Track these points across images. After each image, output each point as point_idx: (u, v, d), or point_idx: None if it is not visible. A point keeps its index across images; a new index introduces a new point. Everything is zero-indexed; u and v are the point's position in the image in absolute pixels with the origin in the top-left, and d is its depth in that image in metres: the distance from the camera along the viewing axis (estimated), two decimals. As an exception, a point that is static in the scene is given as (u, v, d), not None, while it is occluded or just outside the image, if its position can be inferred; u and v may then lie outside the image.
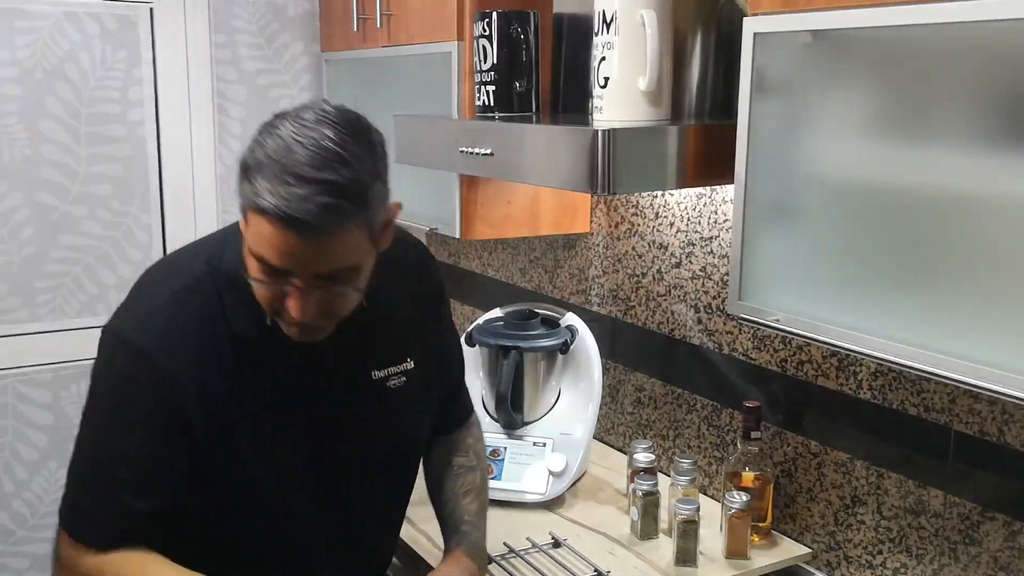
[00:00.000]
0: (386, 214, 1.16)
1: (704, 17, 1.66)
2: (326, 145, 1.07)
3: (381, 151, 1.14)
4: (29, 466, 2.51)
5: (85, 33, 2.43)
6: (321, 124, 1.09)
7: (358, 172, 1.08)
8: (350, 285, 1.15)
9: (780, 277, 1.34)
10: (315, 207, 1.04)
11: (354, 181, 1.07)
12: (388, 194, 1.15)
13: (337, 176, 1.06)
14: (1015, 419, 1.40)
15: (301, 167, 1.06)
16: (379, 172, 1.13)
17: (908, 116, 1.16)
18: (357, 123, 1.13)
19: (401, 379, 1.37)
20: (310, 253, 1.08)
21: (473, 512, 1.48)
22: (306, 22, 2.70)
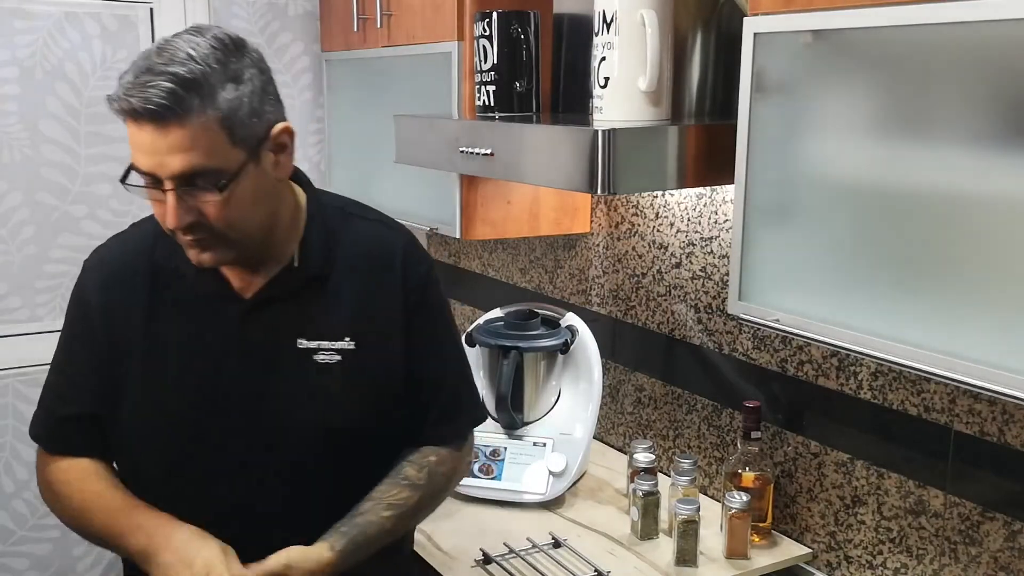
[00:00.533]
0: (259, 128, 1.20)
1: (704, 17, 1.66)
2: (180, 45, 1.15)
3: (253, 65, 1.20)
4: (29, 466, 2.51)
5: (85, 33, 2.42)
6: (192, 33, 1.18)
7: (208, 70, 1.14)
8: (213, 191, 1.17)
9: (780, 277, 1.34)
10: (151, 93, 1.11)
11: (200, 74, 1.13)
12: (265, 112, 1.21)
13: (181, 69, 1.12)
14: (1015, 419, 1.40)
15: (151, 62, 1.14)
16: (240, 78, 1.17)
17: (908, 116, 1.16)
18: (231, 38, 1.19)
19: (334, 356, 1.32)
20: (160, 147, 1.14)
21: (377, 526, 1.32)
22: (306, 22, 2.70)
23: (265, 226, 1.27)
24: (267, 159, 1.23)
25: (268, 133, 1.22)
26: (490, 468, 1.93)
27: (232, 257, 1.26)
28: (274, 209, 1.29)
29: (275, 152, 1.24)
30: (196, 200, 1.18)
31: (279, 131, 1.24)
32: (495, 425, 2.00)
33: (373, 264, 1.36)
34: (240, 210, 1.21)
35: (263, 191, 1.24)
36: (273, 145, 1.23)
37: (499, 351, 1.98)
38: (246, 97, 1.18)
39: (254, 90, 1.19)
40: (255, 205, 1.24)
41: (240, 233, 1.23)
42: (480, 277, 2.65)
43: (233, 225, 1.22)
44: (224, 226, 1.21)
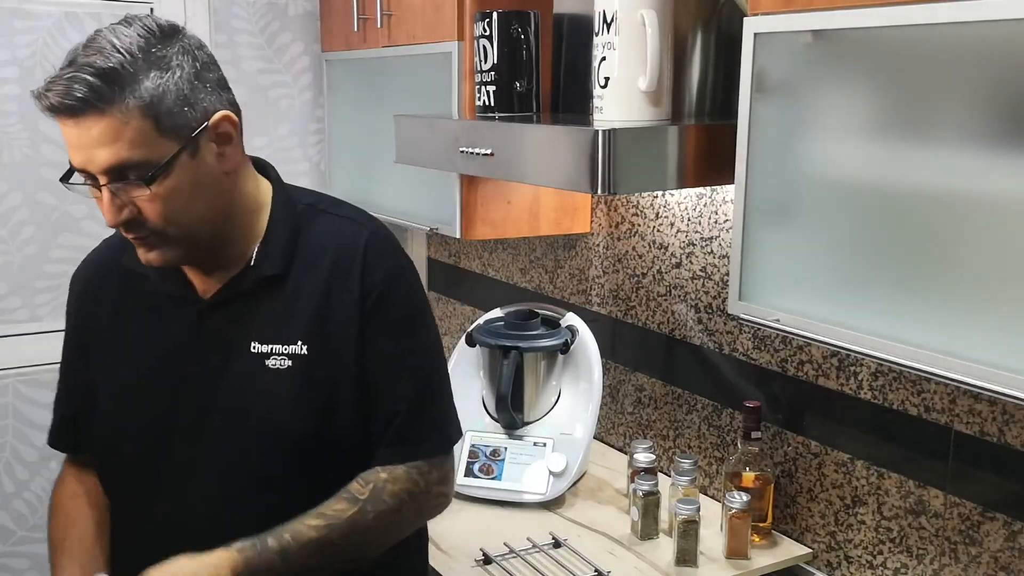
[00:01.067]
0: (191, 117, 1.14)
1: (704, 17, 1.66)
2: (105, 35, 1.12)
3: (185, 52, 1.15)
4: (29, 466, 2.51)
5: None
6: (123, 23, 1.14)
7: (127, 59, 1.10)
8: (144, 185, 1.12)
9: (780, 277, 1.34)
10: (68, 87, 1.08)
11: (119, 64, 1.09)
12: (199, 100, 1.15)
13: (99, 59, 1.09)
14: (1015, 419, 1.40)
15: (75, 55, 1.11)
16: (166, 65, 1.13)
17: (908, 116, 1.16)
18: (161, 26, 1.15)
19: (284, 361, 1.25)
20: (85, 141, 1.10)
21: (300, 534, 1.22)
22: (306, 22, 2.70)
23: (212, 222, 1.21)
24: (207, 151, 1.17)
25: (205, 122, 1.16)
26: (490, 468, 1.93)
27: (180, 256, 1.22)
28: (222, 204, 1.22)
29: (218, 143, 1.18)
30: (129, 195, 1.14)
31: (219, 119, 1.17)
32: (495, 425, 2.00)
33: (333, 263, 1.27)
34: (176, 205, 1.16)
35: (204, 185, 1.18)
36: (214, 135, 1.18)
37: (499, 351, 1.98)
38: (173, 84, 1.12)
39: (184, 76, 1.14)
40: (194, 200, 1.17)
41: (181, 229, 1.18)
42: (480, 277, 2.65)
43: (172, 221, 1.16)
44: (161, 222, 1.16)
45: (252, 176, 1.29)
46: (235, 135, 1.20)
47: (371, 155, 2.46)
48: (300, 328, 1.26)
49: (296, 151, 2.75)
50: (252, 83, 2.65)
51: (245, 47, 2.63)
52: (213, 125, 1.17)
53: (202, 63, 1.17)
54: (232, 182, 1.23)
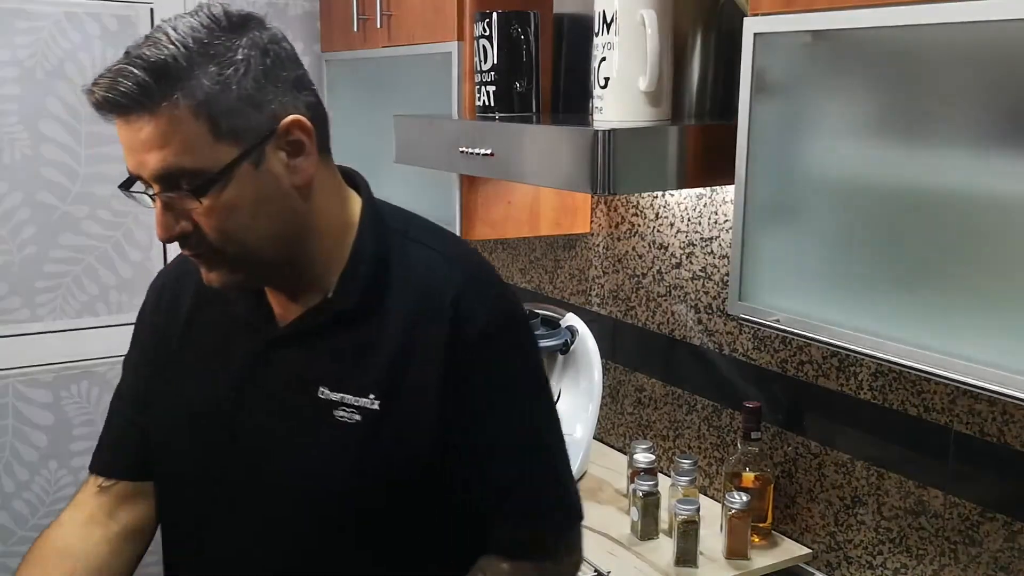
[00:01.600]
0: (256, 119, 0.99)
1: (704, 17, 1.66)
2: (163, 25, 0.98)
3: (253, 45, 1.00)
4: (29, 466, 2.51)
5: (85, 33, 2.43)
6: (191, 13, 1.00)
7: (181, 52, 0.95)
8: (194, 195, 0.98)
9: (780, 277, 1.34)
10: (112, 80, 0.95)
11: (171, 57, 0.95)
12: (267, 101, 1.00)
13: (151, 52, 0.95)
14: (1015, 419, 1.40)
15: (131, 47, 0.98)
16: (228, 59, 0.97)
17: (908, 116, 1.16)
18: (231, 15, 1.01)
19: (353, 415, 1.07)
20: (135, 144, 0.97)
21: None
22: (306, 22, 2.70)
23: (280, 243, 1.05)
24: (275, 161, 1.01)
25: (274, 127, 1.00)
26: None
27: (244, 279, 1.07)
28: (292, 224, 1.05)
29: (288, 153, 1.02)
30: (183, 207, 1.00)
31: (289, 124, 1.01)
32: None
33: (418, 305, 1.08)
34: (236, 220, 1.01)
35: (269, 200, 1.02)
36: (284, 143, 1.01)
37: (499, 351, 1.98)
38: (235, 82, 0.97)
39: (249, 72, 0.98)
40: (257, 216, 1.02)
41: (242, 249, 1.03)
42: (480, 277, 2.65)
43: (231, 239, 1.01)
44: (219, 238, 1.01)
45: (337, 192, 1.11)
46: (308, 144, 1.03)
47: (371, 155, 2.46)
48: (375, 377, 1.07)
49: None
50: (252, 83, 2.65)
51: (245, 47, 2.63)
52: (283, 131, 1.01)
53: (275, 59, 1.01)
54: (306, 198, 1.05)
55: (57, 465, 2.55)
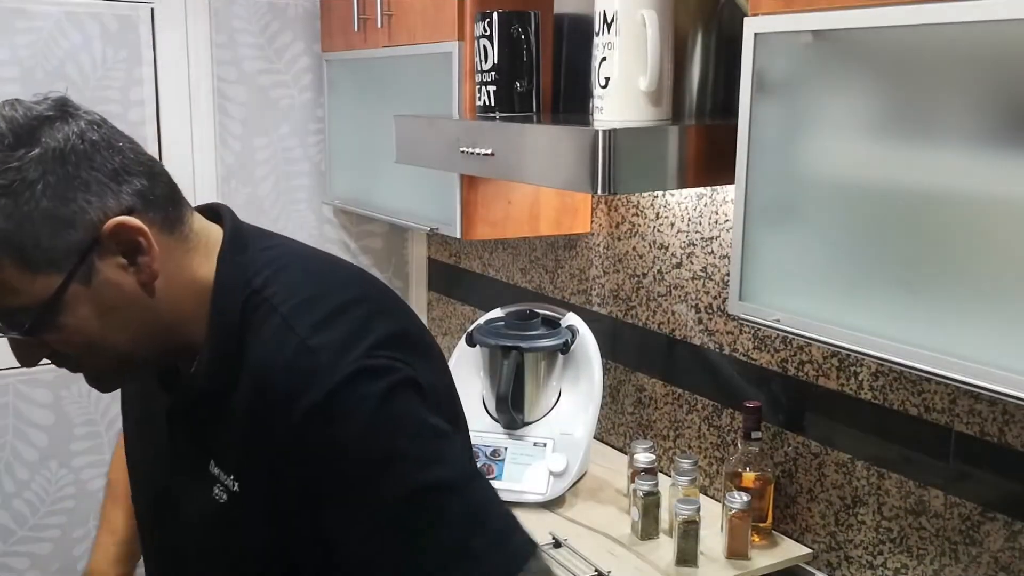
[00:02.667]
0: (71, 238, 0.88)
1: (705, 17, 1.66)
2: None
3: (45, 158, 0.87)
4: (29, 466, 2.51)
5: (86, 33, 2.43)
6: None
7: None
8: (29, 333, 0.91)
9: (781, 277, 1.34)
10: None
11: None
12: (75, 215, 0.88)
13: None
14: (1016, 419, 1.40)
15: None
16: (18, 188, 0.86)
17: (908, 116, 1.16)
18: (17, 126, 0.88)
19: (223, 495, 0.98)
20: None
21: None
22: (306, 22, 2.70)
23: (150, 338, 0.97)
24: (108, 268, 0.91)
25: (94, 236, 0.89)
26: (490, 468, 1.93)
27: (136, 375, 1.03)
28: (153, 320, 0.96)
29: (124, 254, 0.91)
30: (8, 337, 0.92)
31: (112, 229, 0.89)
32: (495, 425, 2.00)
33: (253, 384, 0.95)
34: (88, 338, 0.93)
35: (116, 308, 0.93)
36: (113, 248, 0.90)
37: (499, 351, 1.98)
38: (33, 209, 0.86)
39: (47, 190, 0.86)
40: (109, 327, 0.93)
41: (110, 357, 0.96)
42: (480, 277, 2.65)
43: (92, 353, 0.95)
44: (81, 356, 0.95)
45: (201, 261, 0.99)
46: (145, 241, 0.91)
47: (371, 155, 2.46)
48: (235, 457, 0.98)
49: (296, 151, 2.75)
50: (252, 83, 2.65)
51: (245, 47, 2.63)
52: (107, 237, 0.89)
53: (80, 158, 0.89)
54: (163, 291, 0.95)
55: (57, 465, 2.55)
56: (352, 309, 0.97)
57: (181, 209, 0.98)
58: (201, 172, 2.60)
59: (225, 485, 0.98)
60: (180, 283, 0.97)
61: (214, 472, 0.99)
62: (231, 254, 1.00)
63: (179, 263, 0.97)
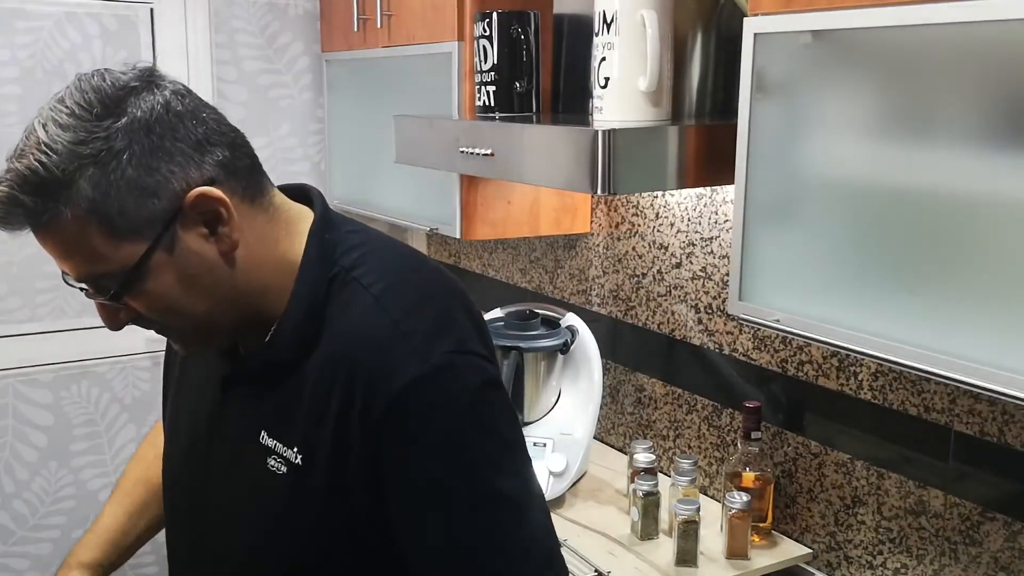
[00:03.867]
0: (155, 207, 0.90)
1: (704, 17, 1.66)
2: (35, 124, 0.93)
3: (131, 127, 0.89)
4: (29, 466, 2.51)
5: (85, 33, 2.43)
6: (59, 101, 0.92)
7: (55, 159, 0.88)
8: (113, 299, 0.94)
9: (780, 277, 1.34)
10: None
11: (43, 168, 0.88)
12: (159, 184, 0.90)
13: (21, 164, 0.89)
14: (1015, 419, 1.40)
15: (9, 159, 0.92)
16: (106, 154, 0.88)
17: (908, 116, 1.16)
18: (100, 97, 0.90)
19: (281, 466, 0.99)
20: (48, 251, 0.93)
21: None
22: (306, 22, 2.70)
23: (230, 306, 0.98)
24: (191, 238, 0.93)
25: (178, 206, 0.91)
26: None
27: (213, 344, 1.03)
28: (231, 290, 0.97)
29: (206, 224, 0.94)
30: (102, 300, 0.95)
31: (194, 200, 0.91)
32: (495, 425, 2.00)
33: (343, 356, 0.96)
34: (171, 303, 0.95)
35: (198, 276, 0.95)
36: (195, 218, 0.93)
37: (499, 351, 1.98)
38: (119, 178, 0.88)
39: (133, 160, 0.89)
40: (190, 295, 0.95)
41: (192, 322, 0.97)
42: (480, 277, 2.65)
43: (175, 317, 0.97)
44: (164, 320, 0.97)
45: (278, 239, 1.00)
46: (225, 211, 0.94)
47: (371, 155, 2.46)
48: (300, 431, 0.98)
49: (296, 151, 2.75)
50: (252, 83, 2.65)
51: (245, 47, 2.63)
52: (189, 207, 0.92)
53: (165, 129, 0.91)
54: (241, 262, 0.97)
55: (57, 465, 2.55)
56: (440, 300, 1.00)
57: (262, 181, 1.00)
58: (201, 172, 2.59)
59: (284, 457, 0.98)
60: (260, 254, 0.98)
61: (267, 443, 1.00)
62: (322, 231, 1.01)
63: (260, 234, 0.98)
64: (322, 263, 1.00)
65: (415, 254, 1.09)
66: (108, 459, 2.61)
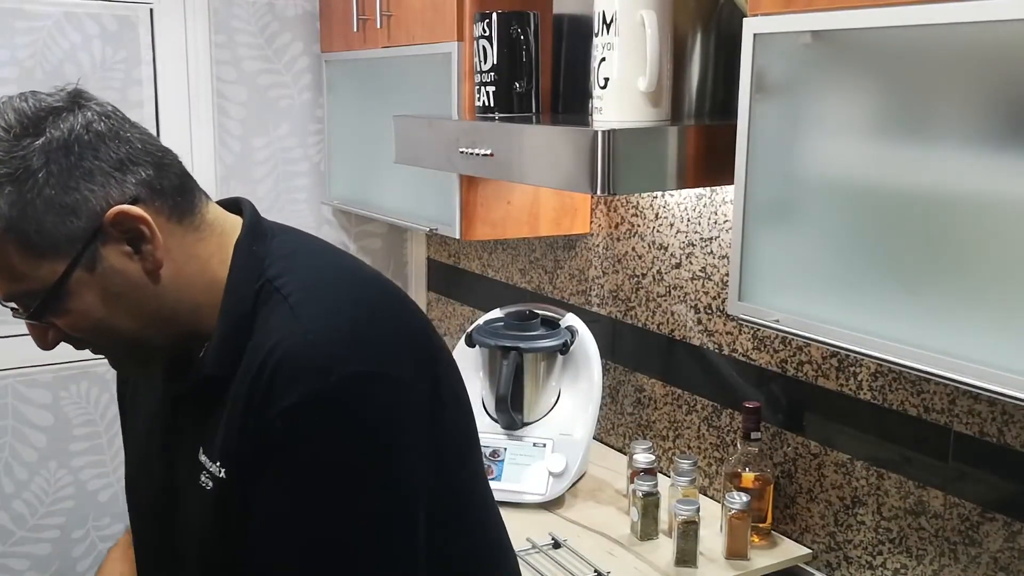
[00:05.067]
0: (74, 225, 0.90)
1: (704, 17, 1.66)
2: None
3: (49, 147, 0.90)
4: (29, 466, 2.51)
5: (85, 33, 2.43)
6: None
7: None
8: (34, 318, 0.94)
9: (780, 278, 1.34)
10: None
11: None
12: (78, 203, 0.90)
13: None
14: (1015, 420, 1.40)
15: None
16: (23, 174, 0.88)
17: (908, 116, 1.16)
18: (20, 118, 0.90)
19: (208, 481, 0.98)
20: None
21: None
22: (306, 22, 2.70)
23: (161, 324, 0.98)
24: (113, 256, 0.93)
25: (98, 225, 0.91)
26: (490, 468, 1.93)
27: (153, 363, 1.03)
28: (158, 309, 0.97)
29: (128, 242, 0.93)
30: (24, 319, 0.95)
31: (114, 217, 0.91)
32: (495, 425, 2.00)
33: (256, 373, 0.93)
34: (96, 323, 0.95)
35: (121, 295, 0.94)
36: (117, 236, 0.92)
37: (499, 351, 1.98)
38: (37, 197, 0.88)
39: (51, 179, 0.88)
40: (114, 314, 0.95)
41: (123, 342, 0.98)
42: (480, 277, 2.65)
43: (104, 337, 0.97)
44: (97, 340, 0.98)
45: (214, 251, 1.00)
46: (148, 229, 0.93)
47: (371, 155, 2.46)
48: (222, 445, 0.97)
49: (296, 151, 2.75)
50: (252, 83, 2.65)
51: (245, 47, 2.63)
52: (110, 225, 0.91)
53: (85, 148, 0.91)
54: (170, 279, 0.96)
55: (57, 465, 2.55)
56: (362, 307, 0.98)
57: (192, 199, 0.99)
58: (200, 172, 2.59)
59: (211, 472, 0.97)
60: (189, 272, 0.98)
61: (201, 460, 0.99)
62: (248, 243, 1.01)
63: (189, 252, 0.98)
64: (248, 275, 0.99)
65: (347, 260, 1.07)
66: (108, 459, 2.61)
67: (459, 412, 1.05)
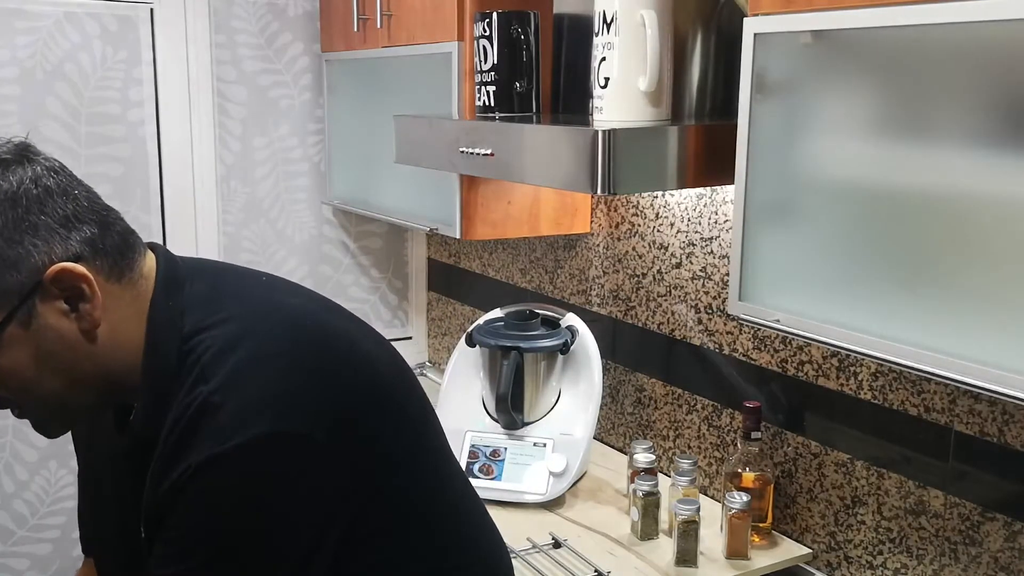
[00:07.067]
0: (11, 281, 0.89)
1: (704, 17, 1.66)
2: None
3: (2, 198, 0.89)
4: (29, 466, 2.51)
5: (85, 33, 2.43)
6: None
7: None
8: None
9: (780, 277, 1.34)
10: None
11: None
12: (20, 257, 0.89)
13: None
14: (1015, 419, 1.40)
15: None
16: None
17: (908, 116, 1.16)
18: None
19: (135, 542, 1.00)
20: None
21: None
22: (306, 22, 2.70)
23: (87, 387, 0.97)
24: (49, 313, 0.91)
25: (37, 280, 0.89)
26: (490, 468, 1.93)
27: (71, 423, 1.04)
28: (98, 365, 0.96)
29: (66, 300, 0.92)
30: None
31: (55, 274, 0.90)
32: (495, 425, 2.00)
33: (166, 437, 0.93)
34: (25, 381, 0.93)
35: (54, 354, 0.93)
36: (56, 293, 0.91)
37: (499, 351, 1.98)
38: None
39: None
40: (46, 372, 0.93)
41: (49, 404, 0.96)
42: (480, 277, 2.65)
43: (30, 396, 0.95)
44: (20, 399, 0.96)
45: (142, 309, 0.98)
46: (88, 288, 0.92)
47: (371, 155, 2.46)
48: (147, 507, 0.96)
49: (296, 151, 2.75)
50: (252, 83, 2.65)
51: (245, 47, 2.63)
52: (50, 282, 0.90)
53: (32, 203, 0.90)
54: (106, 339, 0.95)
55: (57, 465, 2.55)
56: (275, 360, 0.95)
57: (133, 256, 0.98)
58: (200, 172, 2.59)
59: (139, 530, 0.97)
60: (124, 332, 0.96)
61: (136, 511, 0.98)
62: (164, 298, 0.99)
63: (125, 313, 0.96)
64: (166, 334, 0.97)
65: (272, 294, 1.05)
66: (108, 459, 2.61)
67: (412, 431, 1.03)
